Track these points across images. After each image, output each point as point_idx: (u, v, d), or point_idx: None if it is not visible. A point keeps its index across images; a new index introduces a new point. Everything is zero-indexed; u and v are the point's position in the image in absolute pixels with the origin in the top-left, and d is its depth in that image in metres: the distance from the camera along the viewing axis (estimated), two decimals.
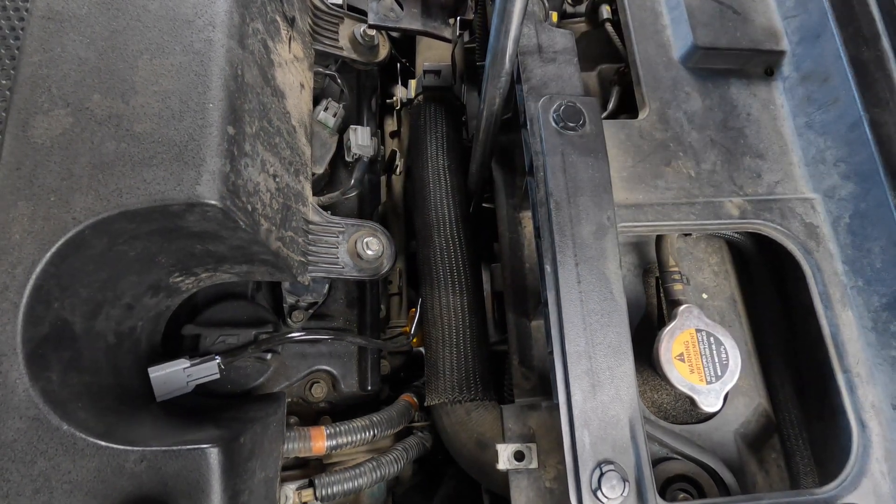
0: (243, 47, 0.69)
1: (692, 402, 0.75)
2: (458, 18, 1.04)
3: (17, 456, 0.54)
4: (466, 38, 1.10)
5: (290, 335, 0.89)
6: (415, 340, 1.12)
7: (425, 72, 1.11)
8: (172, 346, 0.87)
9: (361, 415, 0.93)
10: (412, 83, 1.14)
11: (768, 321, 0.90)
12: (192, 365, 0.77)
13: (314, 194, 0.91)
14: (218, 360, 0.79)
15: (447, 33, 1.03)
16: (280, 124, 0.79)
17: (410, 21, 0.98)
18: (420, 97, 1.10)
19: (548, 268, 0.68)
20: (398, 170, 1.34)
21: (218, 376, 0.80)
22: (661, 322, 0.89)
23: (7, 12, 0.73)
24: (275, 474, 0.75)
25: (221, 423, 0.73)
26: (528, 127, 0.77)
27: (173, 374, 0.75)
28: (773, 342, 0.89)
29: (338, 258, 0.88)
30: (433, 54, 1.26)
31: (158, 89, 0.62)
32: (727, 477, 0.78)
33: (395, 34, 1.25)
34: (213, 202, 0.59)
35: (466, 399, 0.89)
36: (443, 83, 1.10)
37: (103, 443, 0.57)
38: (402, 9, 0.99)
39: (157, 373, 0.73)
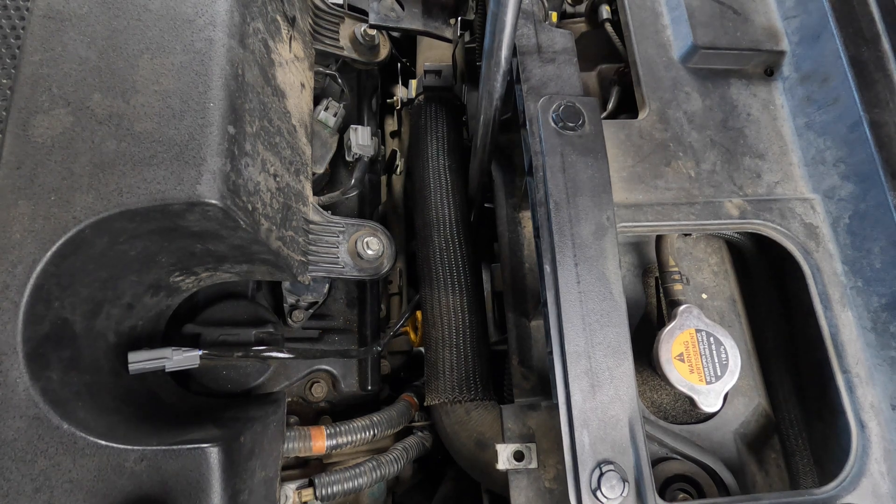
0: (244, 47, 0.69)
1: (692, 402, 0.75)
2: (459, 18, 1.04)
3: (18, 455, 0.54)
4: (467, 38, 1.10)
5: (269, 353, 0.88)
6: (414, 339, 1.12)
7: (426, 72, 1.11)
8: (173, 345, 0.87)
9: (361, 414, 0.93)
10: (413, 83, 1.14)
11: (768, 321, 0.90)
12: (174, 356, 0.75)
13: (314, 194, 0.91)
14: (200, 353, 0.77)
15: (448, 33, 1.04)
16: (280, 124, 0.79)
17: (411, 21, 0.98)
18: (421, 97, 1.10)
19: (547, 268, 0.68)
20: (398, 169, 1.34)
21: (196, 365, 0.78)
22: (661, 322, 0.89)
23: (8, 11, 0.73)
24: (275, 474, 0.75)
25: (221, 422, 0.73)
26: (528, 127, 0.77)
27: (153, 363, 0.73)
28: (773, 342, 0.89)
29: (338, 258, 0.88)
30: (434, 54, 1.27)
31: (159, 88, 0.62)
32: (727, 477, 0.78)
33: (395, 34, 1.26)
34: (213, 201, 0.59)
35: (466, 399, 0.89)
36: (443, 83, 1.10)
37: (103, 442, 0.57)
38: (402, 9, 0.99)
39: (137, 359, 0.72)
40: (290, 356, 0.88)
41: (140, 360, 0.71)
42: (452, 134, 1.07)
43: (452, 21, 1.07)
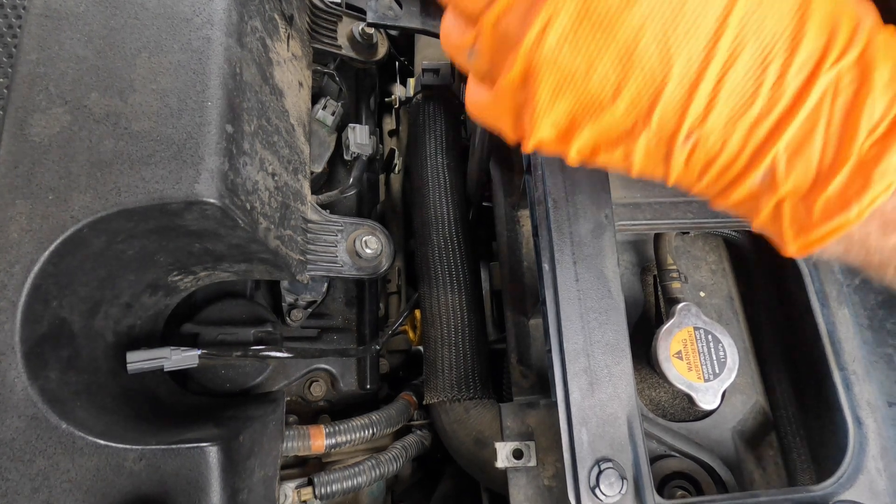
0: (242, 45, 0.69)
1: (690, 399, 0.76)
2: None
3: (16, 455, 0.54)
4: None
5: (268, 352, 0.87)
6: (413, 337, 1.12)
7: (424, 70, 1.10)
8: (171, 344, 0.87)
9: (360, 413, 0.93)
10: (411, 81, 1.14)
11: (766, 319, 0.90)
12: (172, 355, 0.74)
13: (313, 193, 0.91)
14: (199, 352, 0.77)
15: None
16: (279, 123, 0.79)
17: (409, 19, 0.98)
18: (419, 95, 1.10)
19: (546, 266, 0.68)
20: (397, 168, 1.34)
21: (195, 364, 0.78)
22: (659, 320, 0.90)
23: (4, 10, 0.73)
24: (274, 473, 0.75)
25: (220, 421, 0.73)
26: None
27: (151, 363, 0.72)
28: (771, 340, 0.89)
29: (336, 257, 0.88)
30: (432, 52, 1.26)
31: (157, 87, 0.62)
32: (724, 474, 0.79)
33: (393, 33, 1.25)
34: (211, 200, 0.59)
35: (465, 397, 0.89)
36: (442, 81, 1.10)
37: (102, 441, 0.57)
38: (400, 7, 0.98)
39: (135, 358, 0.71)
40: (289, 355, 0.88)
41: (139, 360, 0.70)
42: (451, 132, 1.07)
43: None
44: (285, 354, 0.87)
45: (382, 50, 1.13)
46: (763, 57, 0.38)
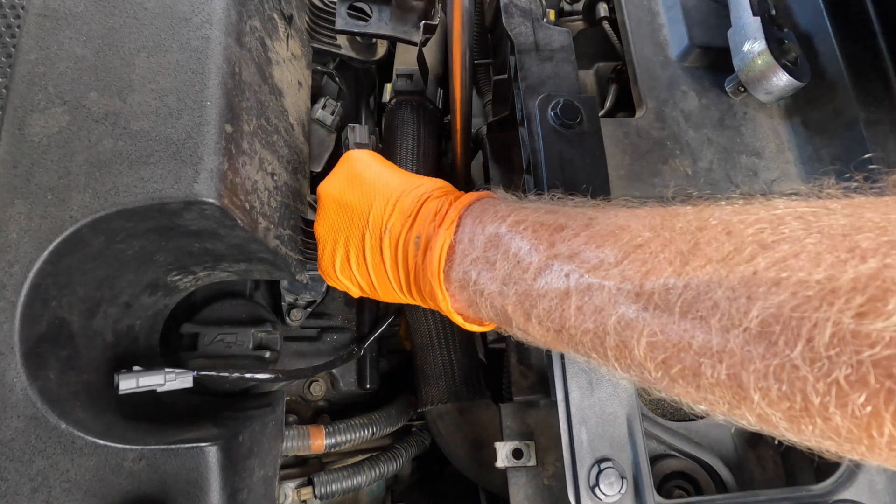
0: (241, 45, 0.69)
1: None
2: (423, 23, 1.01)
3: (16, 455, 0.54)
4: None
5: (254, 374, 0.84)
6: (403, 335, 1.11)
7: (398, 76, 1.09)
8: (171, 344, 0.87)
9: (360, 413, 0.93)
10: (388, 87, 1.12)
11: None
12: (167, 379, 0.68)
13: (312, 192, 0.91)
14: (194, 374, 0.74)
15: (416, 37, 1.01)
16: (278, 122, 0.79)
17: (379, 26, 0.96)
18: (393, 101, 1.09)
19: None
20: None
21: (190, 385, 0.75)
22: None
23: (3, 10, 0.73)
24: (273, 472, 0.75)
25: (220, 421, 0.73)
26: (526, 125, 0.77)
27: (145, 387, 0.68)
28: None
29: None
30: (410, 57, 1.25)
31: (156, 87, 0.62)
32: (724, 473, 0.79)
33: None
34: (211, 200, 0.59)
35: (457, 400, 0.89)
36: (415, 87, 1.09)
37: (102, 441, 0.57)
38: (371, 13, 0.97)
39: (126, 379, 0.65)
40: (278, 376, 0.85)
41: (130, 387, 0.65)
42: (423, 139, 1.05)
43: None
44: (272, 376, 0.85)
45: (382, 50, 1.13)
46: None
